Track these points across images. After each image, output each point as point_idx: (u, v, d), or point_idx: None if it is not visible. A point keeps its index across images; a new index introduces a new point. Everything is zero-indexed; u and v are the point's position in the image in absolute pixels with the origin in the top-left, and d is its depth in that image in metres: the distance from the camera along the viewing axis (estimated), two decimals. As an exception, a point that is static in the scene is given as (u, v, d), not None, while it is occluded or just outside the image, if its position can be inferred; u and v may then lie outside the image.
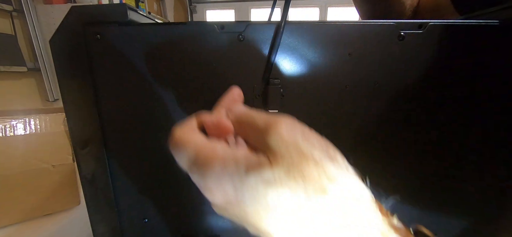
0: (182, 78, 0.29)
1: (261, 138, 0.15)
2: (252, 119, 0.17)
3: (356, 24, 0.27)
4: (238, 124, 0.18)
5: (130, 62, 0.28)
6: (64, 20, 0.27)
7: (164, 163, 0.32)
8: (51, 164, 0.72)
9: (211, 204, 0.17)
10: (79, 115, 0.30)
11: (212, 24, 0.27)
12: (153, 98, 0.29)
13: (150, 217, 0.34)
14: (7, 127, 0.67)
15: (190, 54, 0.28)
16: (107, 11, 0.27)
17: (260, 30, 0.27)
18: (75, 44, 0.28)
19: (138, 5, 2.22)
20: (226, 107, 0.20)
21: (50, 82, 1.55)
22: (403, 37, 0.26)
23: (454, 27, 0.26)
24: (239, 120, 0.18)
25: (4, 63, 1.30)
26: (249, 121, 0.17)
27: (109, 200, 0.33)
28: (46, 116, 0.73)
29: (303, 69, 0.28)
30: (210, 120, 0.18)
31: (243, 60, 0.28)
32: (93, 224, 0.34)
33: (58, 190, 0.74)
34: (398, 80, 0.28)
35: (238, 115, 0.19)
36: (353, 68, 0.28)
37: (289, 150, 0.14)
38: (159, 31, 0.28)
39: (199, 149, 0.16)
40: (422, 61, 0.27)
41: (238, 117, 0.18)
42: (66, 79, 0.29)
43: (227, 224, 0.34)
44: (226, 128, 0.18)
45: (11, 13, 1.38)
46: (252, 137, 0.17)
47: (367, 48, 0.27)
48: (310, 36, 0.27)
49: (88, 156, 0.31)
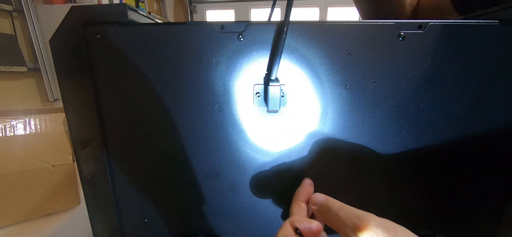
0: (182, 78, 0.29)
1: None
2: (337, 217, 0.20)
3: (356, 24, 0.27)
4: (322, 215, 0.22)
5: (130, 62, 0.28)
6: (64, 20, 0.27)
7: (164, 163, 0.32)
8: (51, 164, 0.73)
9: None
10: (79, 115, 0.30)
11: (212, 24, 0.27)
12: (153, 98, 0.29)
13: (150, 217, 0.34)
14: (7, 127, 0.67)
15: (190, 54, 0.28)
16: (107, 11, 0.27)
17: (260, 30, 0.27)
18: (75, 44, 0.28)
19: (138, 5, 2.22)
20: (304, 200, 0.25)
21: (50, 82, 1.55)
22: (403, 37, 0.26)
23: (454, 27, 0.26)
24: (324, 214, 0.22)
25: (4, 63, 1.30)
26: (334, 217, 0.20)
27: (109, 200, 0.33)
28: (46, 116, 0.73)
29: (303, 69, 0.28)
30: (305, 227, 0.22)
31: (243, 60, 0.28)
32: (93, 224, 0.34)
33: (58, 190, 0.74)
34: (398, 80, 0.28)
35: (323, 211, 0.22)
36: (353, 68, 0.28)
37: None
38: (159, 31, 0.28)
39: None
40: (422, 61, 0.27)
41: (324, 212, 0.22)
42: (66, 79, 0.29)
43: (227, 224, 0.34)
44: (318, 232, 0.22)
45: (11, 13, 1.38)
46: (339, 230, 0.19)
47: (367, 48, 0.27)
48: (310, 36, 0.27)
49: (88, 156, 0.31)
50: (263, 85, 0.28)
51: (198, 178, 0.32)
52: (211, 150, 0.31)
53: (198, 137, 0.31)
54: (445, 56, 0.27)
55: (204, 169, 0.32)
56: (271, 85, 0.27)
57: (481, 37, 0.26)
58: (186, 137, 0.31)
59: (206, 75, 0.28)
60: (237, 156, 0.31)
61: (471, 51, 0.27)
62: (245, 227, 0.34)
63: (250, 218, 0.34)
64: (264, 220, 0.34)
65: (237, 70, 0.28)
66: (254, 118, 0.30)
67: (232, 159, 0.31)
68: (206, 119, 0.30)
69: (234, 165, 0.31)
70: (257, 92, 0.29)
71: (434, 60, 0.27)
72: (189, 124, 0.30)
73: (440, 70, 0.27)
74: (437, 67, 0.27)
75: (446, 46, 0.27)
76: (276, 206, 0.33)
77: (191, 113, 0.30)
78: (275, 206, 0.33)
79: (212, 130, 0.30)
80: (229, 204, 0.33)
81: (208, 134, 0.30)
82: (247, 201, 0.33)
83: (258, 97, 0.29)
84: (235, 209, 0.33)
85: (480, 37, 0.26)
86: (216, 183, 0.32)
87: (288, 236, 0.21)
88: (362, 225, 0.17)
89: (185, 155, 0.31)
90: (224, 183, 0.32)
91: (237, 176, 0.32)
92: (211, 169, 0.32)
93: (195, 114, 0.30)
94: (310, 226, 0.22)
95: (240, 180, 0.32)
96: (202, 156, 0.31)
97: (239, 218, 0.34)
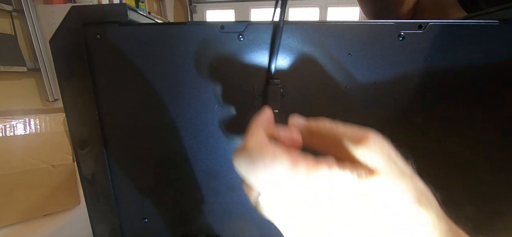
0: (182, 78, 0.29)
1: (348, 151, 0.16)
2: (337, 132, 0.17)
3: (356, 24, 0.27)
4: (309, 136, 0.19)
5: (130, 62, 0.28)
6: (64, 20, 0.27)
7: (164, 163, 0.32)
8: (51, 164, 0.72)
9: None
10: (79, 115, 0.30)
11: (212, 24, 0.27)
12: (153, 98, 0.29)
13: (150, 217, 0.34)
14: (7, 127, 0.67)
15: (190, 54, 0.28)
16: (107, 11, 0.27)
17: (260, 30, 0.27)
18: (75, 44, 0.28)
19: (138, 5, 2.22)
20: (263, 126, 0.20)
21: (50, 82, 1.55)
22: (403, 37, 0.26)
23: (454, 27, 0.26)
24: (315, 132, 0.18)
25: (4, 63, 1.30)
26: (332, 134, 0.17)
27: (109, 200, 0.33)
28: (46, 116, 0.73)
29: (303, 69, 0.28)
30: (285, 135, 0.19)
31: (243, 60, 0.28)
32: (93, 224, 0.34)
33: (58, 190, 0.74)
34: (398, 80, 0.28)
35: (318, 127, 0.19)
36: (353, 68, 0.28)
37: (388, 164, 0.15)
38: (159, 31, 0.28)
39: (295, 162, 0.15)
40: (422, 61, 0.27)
41: (316, 130, 0.19)
42: (66, 79, 0.29)
43: (227, 224, 0.34)
44: (299, 142, 0.19)
45: (11, 13, 1.38)
46: (332, 149, 0.17)
47: (367, 48, 0.27)
48: (310, 36, 0.27)
49: (88, 156, 0.31)
50: (263, 85, 0.28)
51: (198, 178, 0.32)
52: (211, 150, 0.31)
53: (198, 137, 0.31)
54: (445, 56, 0.27)
55: (204, 169, 0.32)
56: (271, 85, 0.27)
57: (481, 37, 0.26)
58: (186, 137, 0.31)
59: (206, 75, 0.28)
60: (237, 156, 0.31)
61: (471, 51, 0.27)
62: (245, 227, 0.34)
63: (250, 218, 0.34)
64: (264, 220, 0.34)
65: (237, 70, 0.28)
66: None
67: (232, 159, 0.31)
68: (206, 119, 0.30)
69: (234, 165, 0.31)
70: (257, 92, 0.29)
71: (434, 60, 0.27)
72: (189, 124, 0.30)
73: (440, 70, 0.27)
74: (437, 67, 0.27)
75: (446, 46, 0.27)
76: (276, 206, 0.33)
77: (191, 113, 0.30)
78: (275, 206, 0.33)
79: (212, 130, 0.30)
80: (229, 204, 0.33)
81: (208, 134, 0.30)
82: (247, 201, 0.33)
83: (258, 97, 0.29)
84: (235, 209, 0.33)
85: (480, 37, 0.26)
86: (216, 183, 0.32)
87: (264, 145, 0.16)
88: (365, 135, 0.16)
89: (185, 155, 0.31)
90: (224, 183, 0.32)
91: (237, 176, 0.32)
92: (211, 169, 0.32)
93: (195, 114, 0.30)
94: (291, 134, 0.19)
95: (240, 180, 0.32)
96: (202, 156, 0.31)
97: (239, 218, 0.34)
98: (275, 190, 0.16)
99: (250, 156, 0.16)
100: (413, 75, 0.27)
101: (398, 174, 0.15)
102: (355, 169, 0.15)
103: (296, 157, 0.16)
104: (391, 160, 0.15)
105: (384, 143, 0.16)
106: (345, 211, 0.15)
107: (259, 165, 0.16)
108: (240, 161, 0.17)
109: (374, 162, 0.15)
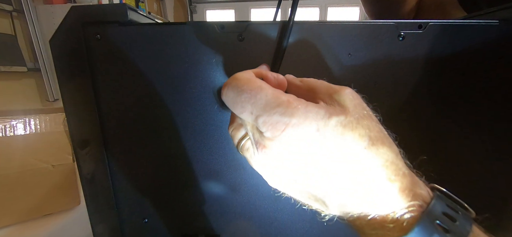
0: (182, 78, 0.29)
1: (326, 97, 0.18)
2: (310, 87, 0.20)
3: (356, 24, 0.27)
4: (296, 88, 0.21)
5: (130, 62, 0.28)
6: (64, 20, 0.27)
7: (164, 163, 0.32)
8: (51, 164, 0.73)
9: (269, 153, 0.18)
10: (79, 115, 0.30)
11: (212, 24, 0.27)
12: (153, 98, 0.29)
13: (150, 217, 0.34)
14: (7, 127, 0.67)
15: (190, 54, 0.28)
16: (107, 11, 0.27)
17: (260, 30, 0.27)
18: (75, 44, 0.28)
19: (138, 5, 2.22)
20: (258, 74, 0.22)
21: (50, 82, 1.55)
22: (403, 37, 0.26)
23: (454, 27, 0.26)
24: (301, 86, 0.21)
25: (4, 63, 1.30)
26: (311, 85, 0.20)
27: (109, 200, 0.33)
28: (46, 116, 0.73)
29: (303, 69, 0.28)
30: (272, 76, 0.21)
31: (243, 60, 0.28)
32: (93, 224, 0.34)
33: (58, 190, 0.74)
34: (398, 80, 0.28)
35: (303, 80, 0.21)
36: (353, 68, 0.28)
37: (357, 106, 0.17)
38: (159, 31, 0.28)
39: (278, 95, 0.17)
40: (422, 61, 0.27)
41: (297, 85, 0.21)
42: (66, 79, 0.29)
43: (227, 224, 0.34)
44: (285, 84, 0.21)
45: (11, 13, 1.38)
46: (309, 97, 0.19)
47: (367, 48, 0.27)
48: (310, 36, 0.27)
49: (88, 156, 0.31)
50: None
51: (198, 178, 0.32)
52: (211, 150, 0.31)
53: (198, 137, 0.31)
54: (445, 56, 0.27)
55: (204, 169, 0.32)
56: (271, 85, 0.27)
57: (481, 37, 0.26)
58: (186, 137, 0.31)
59: (206, 75, 0.28)
60: (237, 156, 0.31)
61: (471, 51, 0.27)
62: (245, 227, 0.34)
63: (250, 218, 0.34)
64: (264, 220, 0.34)
65: (237, 70, 0.28)
66: (254, 118, 0.30)
67: (232, 159, 0.31)
68: (206, 119, 0.30)
69: (234, 165, 0.31)
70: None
71: (434, 60, 0.27)
72: (189, 124, 0.30)
73: (440, 70, 0.27)
74: (437, 67, 0.27)
75: (446, 46, 0.27)
76: (276, 206, 0.33)
77: (191, 113, 0.30)
78: (275, 206, 0.33)
79: (212, 130, 0.30)
80: (229, 204, 0.33)
81: (208, 134, 0.30)
82: (247, 201, 0.33)
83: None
84: (235, 209, 0.33)
85: (480, 37, 0.26)
86: (216, 183, 0.32)
87: (252, 79, 0.18)
88: (337, 89, 0.18)
89: (185, 155, 0.31)
90: (224, 183, 0.32)
91: (237, 176, 0.32)
92: (211, 169, 0.32)
93: (195, 114, 0.30)
94: (278, 78, 0.21)
95: (240, 180, 0.32)
96: (202, 156, 0.31)
97: (239, 218, 0.34)
98: (257, 124, 0.17)
99: (238, 87, 0.18)
100: (413, 75, 0.27)
101: (363, 116, 0.17)
102: (328, 107, 0.17)
103: (279, 92, 0.18)
104: (361, 106, 0.18)
105: (355, 94, 0.18)
106: (316, 152, 0.17)
107: (245, 95, 0.17)
108: (228, 92, 0.18)
109: (346, 103, 0.17)
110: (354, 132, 0.16)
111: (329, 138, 0.16)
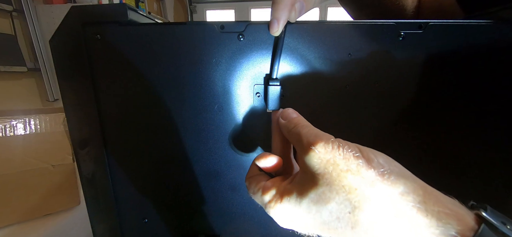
0: (182, 78, 0.29)
1: (302, 158, 0.18)
2: (297, 133, 0.19)
3: (356, 24, 0.27)
4: (288, 130, 0.22)
5: (130, 62, 0.28)
6: (64, 20, 0.27)
7: (164, 163, 0.32)
8: (51, 164, 0.73)
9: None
10: (79, 115, 0.30)
11: (212, 24, 0.27)
12: (153, 98, 0.29)
13: (150, 217, 0.34)
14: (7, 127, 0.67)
15: (190, 54, 0.28)
16: (107, 11, 0.27)
17: (260, 30, 0.27)
18: (75, 44, 0.28)
19: (138, 5, 2.22)
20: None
21: (50, 82, 1.55)
22: (403, 37, 0.26)
23: (454, 27, 0.26)
24: (290, 129, 0.21)
25: (4, 63, 1.30)
26: (295, 134, 0.20)
27: (109, 200, 0.33)
28: (46, 116, 0.73)
29: (303, 69, 0.28)
30: (263, 166, 0.23)
31: (243, 60, 0.28)
32: (93, 224, 0.34)
33: (58, 190, 0.74)
34: (398, 80, 0.28)
35: (290, 126, 0.21)
36: (353, 68, 0.28)
37: (327, 168, 0.16)
38: (159, 31, 0.28)
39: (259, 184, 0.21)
40: (422, 61, 0.27)
41: (290, 127, 0.21)
42: (66, 79, 0.29)
43: (227, 224, 0.34)
44: (277, 166, 0.22)
45: (11, 13, 1.38)
46: (297, 146, 0.19)
47: (367, 48, 0.27)
48: (310, 36, 0.27)
49: (88, 156, 0.31)
50: (263, 85, 0.28)
51: (198, 178, 0.32)
52: (211, 150, 0.31)
53: (198, 137, 0.31)
54: (445, 56, 0.27)
55: (204, 169, 0.32)
56: (271, 85, 0.27)
57: (481, 37, 0.26)
58: (186, 137, 0.31)
59: (206, 75, 0.28)
60: (237, 156, 0.31)
61: (471, 51, 0.27)
62: (245, 227, 0.34)
63: (250, 218, 0.34)
64: (264, 220, 0.34)
65: (237, 70, 0.28)
66: (254, 118, 0.30)
67: (232, 159, 0.31)
68: (206, 119, 0.30)
69: (234, 165, 0.31)
70: (257, 92, 0.29)
71: (434, 60, 0.27)
72: (189, 124, 0.30)
73: (440, 70, 0.27)
74: (437, 67, 0.27)
75: (446, 46, 0.27)
76: (276, 206, 0.33)
77: (191, 113, 0.30)
78: (275, 206, 0.33)
79: (212, 130, 0.30)
80: (229, 204, 0.33)
81: (208, 134, 0.30)
82: (247, 201, 0.33)
83: (258, 97, 0.29)
84: (235, 209, 0.33)
85: (480, 37, 0.26)
86: (216, 183, 0.32)
87: (253, 175, 0.23)
88: (315, 141, 0.17)
89: (185, 155, 0.31)
90: (224, 183, 0.32)
91: (237, 176, 0.32)
92: (211, 169, 0.32)
93: (195, 114, 0.30)
94: (266, 164, 0.22)
95: (240, 180, 0.32)
96: (202, 156, 0.31)
97: (239, 218, 0.34)
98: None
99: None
100: (413, 75, 0.27)
101: (336, 177, 0.16)
102: (267, 195, 0.20)
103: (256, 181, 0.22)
104: (331, 163, 0.16)
105: (327, 145, 0.17)
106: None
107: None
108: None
109: (315, 168, 0.16)
110: (329, 204, 0.16)
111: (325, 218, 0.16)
